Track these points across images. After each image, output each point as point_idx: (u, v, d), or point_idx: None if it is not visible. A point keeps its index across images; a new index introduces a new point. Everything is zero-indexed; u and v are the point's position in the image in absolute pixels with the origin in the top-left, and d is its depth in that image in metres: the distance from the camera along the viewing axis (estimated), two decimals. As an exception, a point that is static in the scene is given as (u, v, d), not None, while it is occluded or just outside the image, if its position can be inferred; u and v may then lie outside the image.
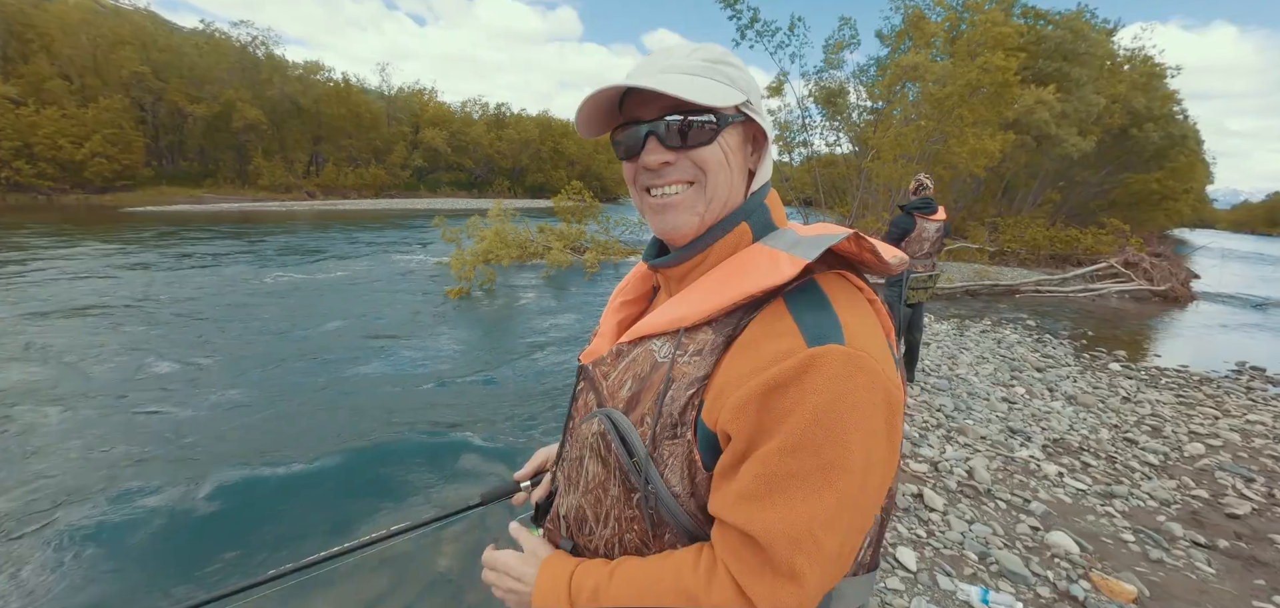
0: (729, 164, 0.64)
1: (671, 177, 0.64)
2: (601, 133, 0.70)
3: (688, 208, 0.64)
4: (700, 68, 0.62)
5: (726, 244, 0.66)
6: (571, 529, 0.72)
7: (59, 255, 11.22)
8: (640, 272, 0.83)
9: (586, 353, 0.78)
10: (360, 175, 42.94)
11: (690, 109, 0.61)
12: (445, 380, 5.20)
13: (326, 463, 3.64)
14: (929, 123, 13.32)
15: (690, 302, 0.63)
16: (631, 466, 0.61)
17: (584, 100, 0.63)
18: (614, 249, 12.99)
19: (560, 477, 0.76)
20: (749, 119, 0.66)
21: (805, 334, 0.54)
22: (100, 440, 3.83)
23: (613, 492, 0.65)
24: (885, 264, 0.62)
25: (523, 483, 0.90)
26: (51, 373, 4.99)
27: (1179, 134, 23.15)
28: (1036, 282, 12.42)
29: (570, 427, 0.75)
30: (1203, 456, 4.06)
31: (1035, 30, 19.24)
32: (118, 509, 3.06)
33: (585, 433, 0.68)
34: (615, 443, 0.62)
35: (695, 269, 0.67)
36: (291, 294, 8.64)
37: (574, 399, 0.75)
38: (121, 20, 35.46)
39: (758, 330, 0.57)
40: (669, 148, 0.63)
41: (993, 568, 2.55)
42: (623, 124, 0.67)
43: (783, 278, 0.56)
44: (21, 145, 26.98)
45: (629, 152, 0.66)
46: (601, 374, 0.69)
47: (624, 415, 0.63)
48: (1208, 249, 31.78)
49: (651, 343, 0.65)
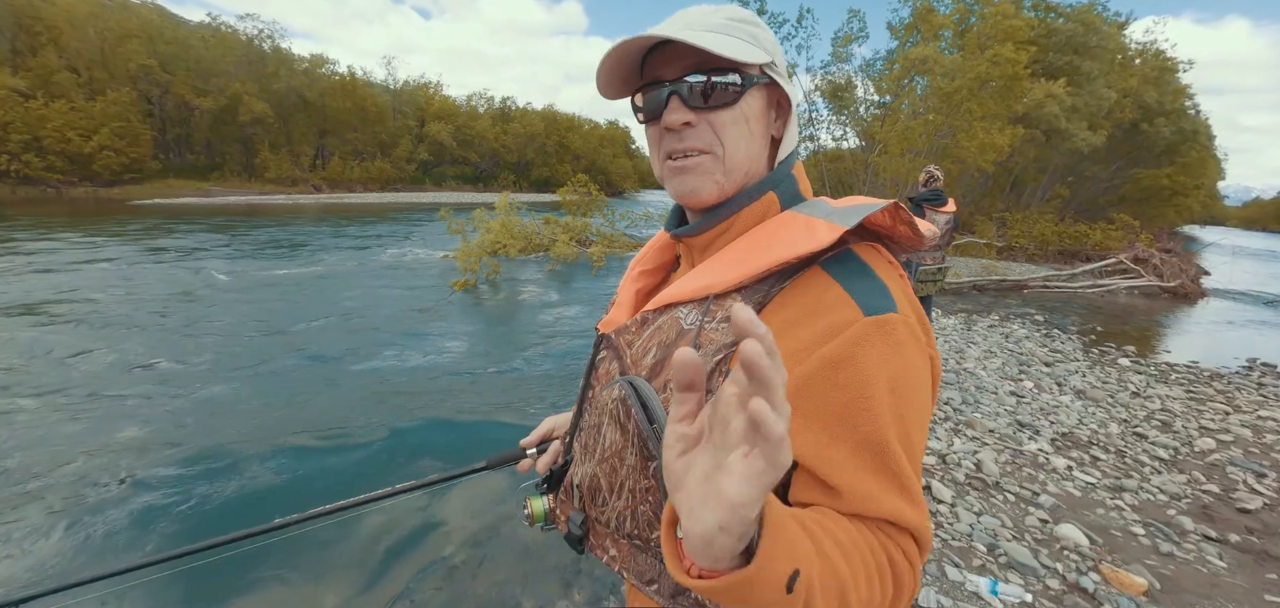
0: (750, 130, 0.63)
1: (691, 141, 0.62)
2: (622, 94, 0.68)
3: (705, 173, 0.63)
4: (724, 25, 0.61)
5: (753, 212, 0.65)
6: (584, 500, 0.71)
7: (74, 247, 11.32)
8: (659, 242, 0.82)
9: (605, 322, 0.77)
10: (366, 169, 43.03)
11: (713, 68, 0.60)
12: (450, 367, 5.24)
13: (335, 439, 3.73)
14: (937, 117, 13.21)
15: (719, 269, 0.62)
16: (651, 432, 0.59)
17: (605, 54, 0.62)
18: (619, 242, 12.98)
19: (576, 446, 0.75)
20: (773, 83, 0.64)
21: (860, 303, 0.53)
22: (109, 423, 3.87)
23: (629, 461, 0.63)
24: (920, 238, 0.61)
25: (529, 450, 0.89)
26: (82, 360, 5.04)
27: (1190, 129, 22.87)
28: (1044, 277, 12.34)
29: (589, 396, 0.73)
30: (1214, 450, 4.03)
31: (1046, 23, 19.02)
32: (135, 484, 3.12)
33: (605, 400, 0.67)
34: (636, 409, 0.61)
35: (720, 238, 0.66)
36: (299, 286, 8.69)
37: (593, 369, 0.74)
38: (128, 13, 35.57)
39: (800, 299, 0.55)
40: (691, 108, 0.61)
41: (1001, 560, 2.54)
42: (643, 87, 0.65)
43: (819, 244, 0.55)
44: (30, 138, 27.16)
45: (651, 113, 0.65)
46: (625, 342, 0.68)
47: (647, 382, 0.62)
48: (1218, 246, 31.45)
49: (678, 310, 0.64)
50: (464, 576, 2.59)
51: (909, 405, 0.51)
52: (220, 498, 3.08)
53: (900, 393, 0.51)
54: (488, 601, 2.44)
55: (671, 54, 0.62)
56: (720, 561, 0.36)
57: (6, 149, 26.51)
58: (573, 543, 0.73)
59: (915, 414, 0.52)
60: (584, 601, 2.43)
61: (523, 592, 2.49)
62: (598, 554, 0.70)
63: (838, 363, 0.50)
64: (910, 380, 0.52)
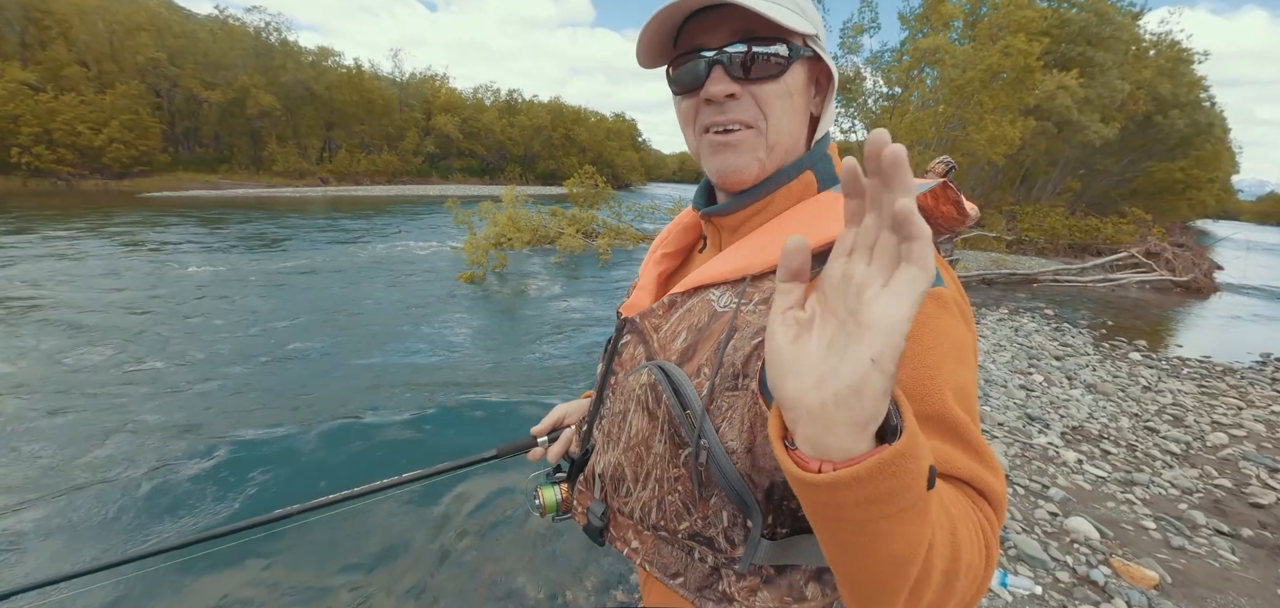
0: (794, 105, 0.60)
1: (734, 113, 0.59)
2: (659, 63, 0.65)
3: (748, 149, 0.60)
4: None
5: (790, 192, 0.62)
6: (606, 490, 0.68)
7: (92, 238, 11.44)
8: (682, 222, 0.79)
9: (628, 305, 0.74)
10: (373, 161, 43.13)
11: (758, 39, 0.57)
12: (457, 359, 5.27)
13: (343, 426, 3.79)
14: (947, 109, 13.06)
15: (755, 250, 0.60)
16: (684, 418, 0.57)
17: (650, 18, 0.58)
18: (626, 234, 12.96)
19: (597, 435, 0.72)
20: (816, 57, 0.62)
21: None
22: (122, 408, 3.93)
23: (656, 449, 0.61)
24: (966, 216, 0.58)
25: (539, 438, 0.87)
26: (104, 348, 5.11)
27: (1205, 122, 22.52)
28: (1055, 271, 12.23)
29: (612, 382, 0.71)
30: (1226, 445, 3.99)
31: (1059, 13, 18.74)
32: (154, 462, 3.16)
33: (632, 386, 0.64)
34: (668, 394, 0.58)
35: (752, 219, 0.64)
36: (307, 278, 8.75)
37: (616, 354, 0.71)
38: (137, 6, 35.69)
39: None
40: (733, 79, 0.58)
41: (1011, 552, 2.53)
42: (679, 57, 0.62)
43: None
44: (41, 131, 27.37)
45: (689, 85, 0.61)
46: (651, 326, 0.66)
47: (678, 367, 0.59)
48: (1232, 240, 31.03)
49: (710, 293, 0.62)
50: (473, 564, 2.61)
51: (967, 375, 0.51)
52: (229, 487, 3.12)
53: (959, 363, 0.50)
54: (497, 588, 2.46)
55: (714, 22, 0.59)
56: (864, 428, 0.32)
57: (17, 142, 26.75)
58: (592, 535, 0.70)
59: (971, 383, 0.51)
60: (594, 587, 2.44)
61: (532, 580, 2.51)
62: (618, 546, 0.68)
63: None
64: (964, 351, 0.52)
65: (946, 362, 0.49)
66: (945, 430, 0.47)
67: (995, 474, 0.48)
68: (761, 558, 0.55)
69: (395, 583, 2.46)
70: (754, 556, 0.54)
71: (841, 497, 0.34)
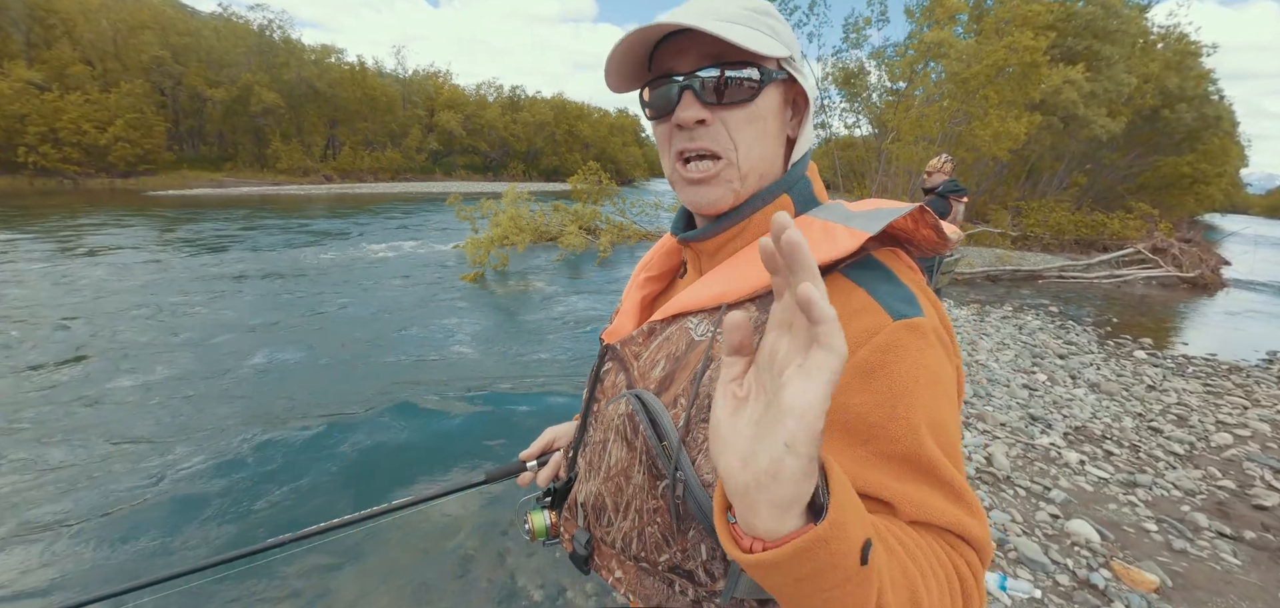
0: (767, 129, 0.60)
1: (704, 140, 0.58)
2: (631, 87, 0.65)
3: (722, 183, 0.60)
4: (742, 15, 0.57)
5: (766, 217, 0.62)
6: (589, 519, 0.68)
7: (99, 236, 11.52)
8: (665, 246, 0.78)
9: (610, 332, 0.74)
10: (376, 158, 43.24)
11: (729, 61, 0.57)
12: (456, 363, 5.26)
13: (335, 440, 3.72)
14: (952, 103, 12.98)
15: (730, 277, 0.59)
16: (660, 450, 0.56)
17: (615, 45, 0.57)
18: (629, 231, 12.97)
19: (581, 462, 0.71)
20: (791, 79, 0.61)
21: (887, 308, 0.50)
22: (105, 423, 3.96)
23: (635, 479, 0.60)
24: (946, 241, 0.57)
25: (529, 463, 0.86)
26: (101, 351, 5.16)
27: (1213, 115, 22.28)
28: (1060, 267, 12.16)
29: (594, 410, 0.70)
30: (1230, 446, 3.97)
31: (1065, 6, 18.56)
32: (129, 479, 3.18)
33: (611, 415, 0.63)
34: (644, 425, 0.57)
35: (730, 243, 0.63)
36: (307, 278, 8.79)
37: (598, 381, 0.70)
38: (141, 5, 35.83)
39: None
40: (705, 104, 0.57)
41: (1011, 555, 2.53)
42: (653, 81, 0.61)
43: (842, 251, 0.52)
44: (47, 130, 27.56)
45: (661, 110, 0.61)
46: (631, 354, 0.65)
47: (655, 397, 0.59)
48: (1240, 235, 30.75)
49: (688, 321, 0.61)
50: (473, 566, 2.63)
51: (948, 410, 0.49)
52: (213, 512, 3.00)
53: (937, 398, 0.48)
54: (496, 589, 2.48)
55: (685, 45, 0.58)
56: (787, 510, 0.33)
57: (24, 141, 26.94)
58: (577, 563, 0.70)
59: (952, 418, 0.50)
60: (594, 590, 2.45)
61: (532, 581, 2.53)
62: (603, 575, 0.68)
63: (869, 371, 0.48)
64: (944, 385, 0.50)
65: (922, 398, 0.47)
66: (920, 473, 0.46)
67: (976, 518, 0.47)
68: (742, 592, 0.53)
69: (395, 585, 2.48)
70: (734, 590, 0.53)
71: (768, 577, 0.35)
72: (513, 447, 3.73)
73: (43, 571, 2.56)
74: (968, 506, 0.47)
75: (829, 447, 0.47)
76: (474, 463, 3.55)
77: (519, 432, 3.94)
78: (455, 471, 3.49)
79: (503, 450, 3.72)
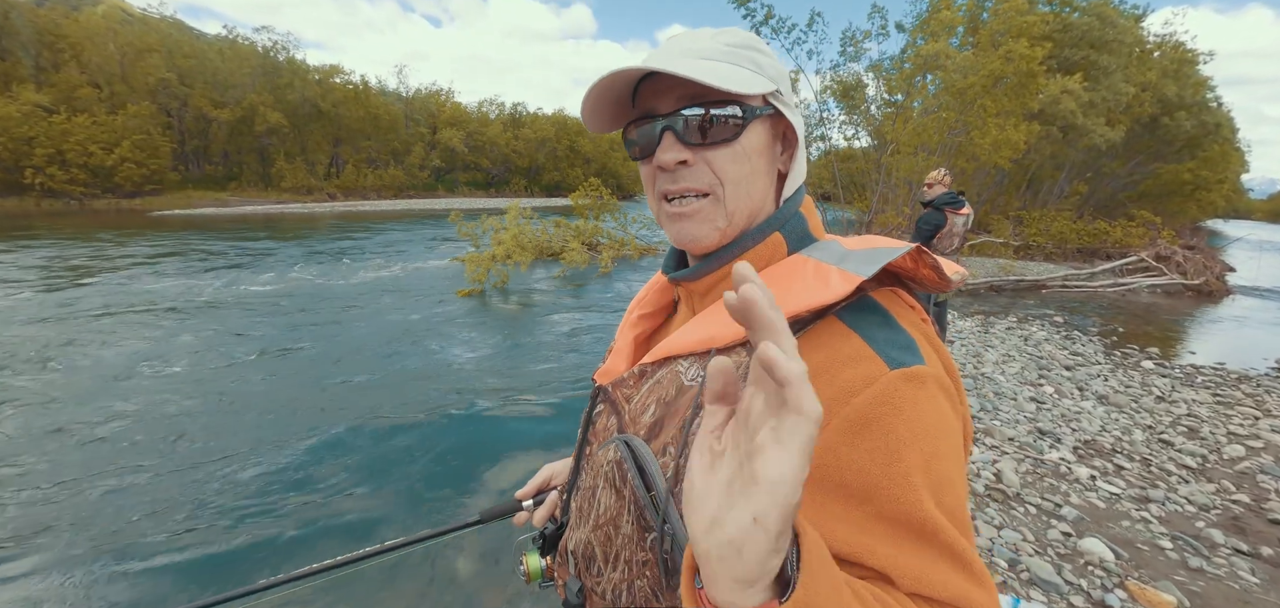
0: (753, 167, 0.57)
1: (687, 181, 0.57)
2: (612, 128, 0.63)
3: (705, 219, 0.58)
4: (724, 52, 0.55)
5: (757, 256, 0.59)
6: (579, 568, 0.66)
7: (102, 259, 11.59)
8: (659, 283, 0.76)
9: (603, 372, 0.71)
10: (379, 176, 43.51)
11: (711, 101, 0.55)
12: (453, 386, 5.14)
13: (326, 471, 3.60)
14: (950, 114, 13.04)
15: (721, 319, 0.56)
16: (648, 500, 0.53)
17: (589, 89, 0.55)
18: (631, 245, 12.99)
19: (573, 507, 0.69)
20: (778, 113, 0.59)
21: (883, 356, 0.48)
22: (91, 454, 3.94)
23: (624, 529, 0.57)
24: (947, 281, 0.54)
25: (525, 502, 0.83)
26: (69, 379, 5.15)
27: (1212, 122, 22.31)
28: (1063, 277, 12.12)
29: (586, 453, 0.67)
30: (1243, 458, 3.91)
31: (1061, 17, 18.69)
32: (110, 514, 3.15)
33: (601, 461, 0.61)
34: (632, 473, 0.55)
35: (721, 282, 0.61)
36: (307, 297, 8.80)
37: (590, 423, 0.68)
38: (148, 29, 36.38)
39: (813, 354, 0.50)
40: (687, 145, 0.56)
41: (1023, 576, 2.49)
42: (636, 119, 0.59)
43: (835, 295, 0.50)
44: (54, 152, 27.82)
45: (643, 150, 0.59)
46: (623, 396, 0.63)
47: (645, 444, 0.56)
48: (1245, 241, 30.64)
49: (678, 363, 0.59)
50: (472, 579, 2.59)
51: (951, 466, 0.46)
52: (200, 552, 2.91)
53: (939, 454, 0.45)
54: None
55: (665, 84, 0.56)
56: (750, 585, 0.31)
57: (31, 163, 27.21)
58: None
59: (958, 475, 0.46)
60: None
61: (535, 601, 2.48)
62: None
63: (863, 425, 0.45)
64: (947, 439, 0.46)
65: (922, 454, 0.44)
66: (920, 538, 0.42)
67: (983, 588, 0.43)
68: None
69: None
70: None
71: None
72: (508, 475, 3.65)
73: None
74: (974, 575, 0.43)
75: (822, 507, 0.45)
76: (469, 497, 3.45)
77: (516, 461, 3.84)
78: (449, 507, 3.36)
79: (499, 476, 3.65)
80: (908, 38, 16.65)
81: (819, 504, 0.45)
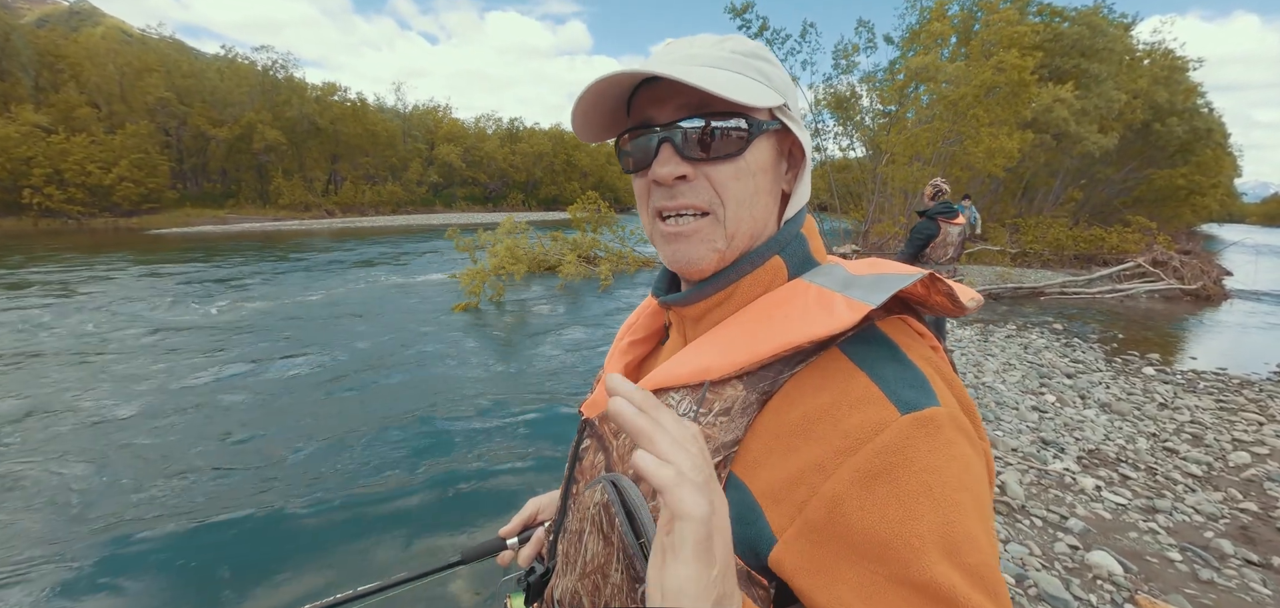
0: (757, 186, 0.53)
1: (685, 199, 0.52)
2: (604, 137, 0.58)
3: (703, 240, 0.53)
4: (730, 60, 0.51)
5: (756, 281, 0.55)
6: None
7: (99, 279, 11.54)
8: (650, 307, 0.71)
9: (590, 403, 0.65)
10: (377, 192, 43.63)
11: (714, 112, 0.50)
12: (443, 409, 4.95)
13: (298, 505, 3.40)
14: (943, 124, 13.13)
15: (716, 349, 0.52)
16: (638, 548, 0.49)
17: (582, 93, 0.51)
18: (629, 258, 12.99)
19: (559, 550, 0.63)
20: (785, 129, 0.55)
21: (893, 399, 0.43)
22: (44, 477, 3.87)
23: (614, 578, 0.52)
24: (961, 307, 0.50)
25: (509, 540, 0.77)
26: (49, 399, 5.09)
27: (1204, 127, 22.51)
28: (1062, 283, 12.12)
29: (573, 492, 0.62)
30: (1249, 465, 3.87)
31: (1052, 27, 18.91)
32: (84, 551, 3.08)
33: (588, 503, 0.56)
34: (620, 519, 0.50)
35: (716, 309, 0.56)
36: (299, 316, 8.75)
37: (577, 459, 0.63)
38: (147, 49, 36.69)
39: (817, 393, 0.46)
40: (686, 159, 0.51)
41: (1031, 592, 2.43)
42: (631, 129, 0.55)
43: (841, 326, 0.46)
44: (52, 172, 27.88)
45: (638, 162, 0.54)
46: (611, 431, 0.58)
47: (634, 485, 0.52)
48: (1242, 245, 30.75)
49: (670, 397, 0.54)
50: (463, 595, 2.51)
51: (973, 522, 0.41)
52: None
53: (959, 509, 0.40)
54: None
55: (664, 92, 0.52)
56: None
57: (29, 183, 27.25)
58: None
59: (982, 529, 0.41)
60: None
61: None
62: None
63: (873, 478, 0.41)
64: (968, 491, 0.42)
65: (939, 511, 0.40)
66: (935, 603, 0.38)
67: None
68: None
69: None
70: None
71: None
72: (497, 505, 3.47)
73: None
74: None
75: (831, 570, 0.41)
76: (456, 532, 3.21)
77: (506, 492, 3.62)
78: (433, 544, 3.09)
79: (487, 507, 3.47)
80: (898, 50, 16.81)
81: (828, 566, 0.41)
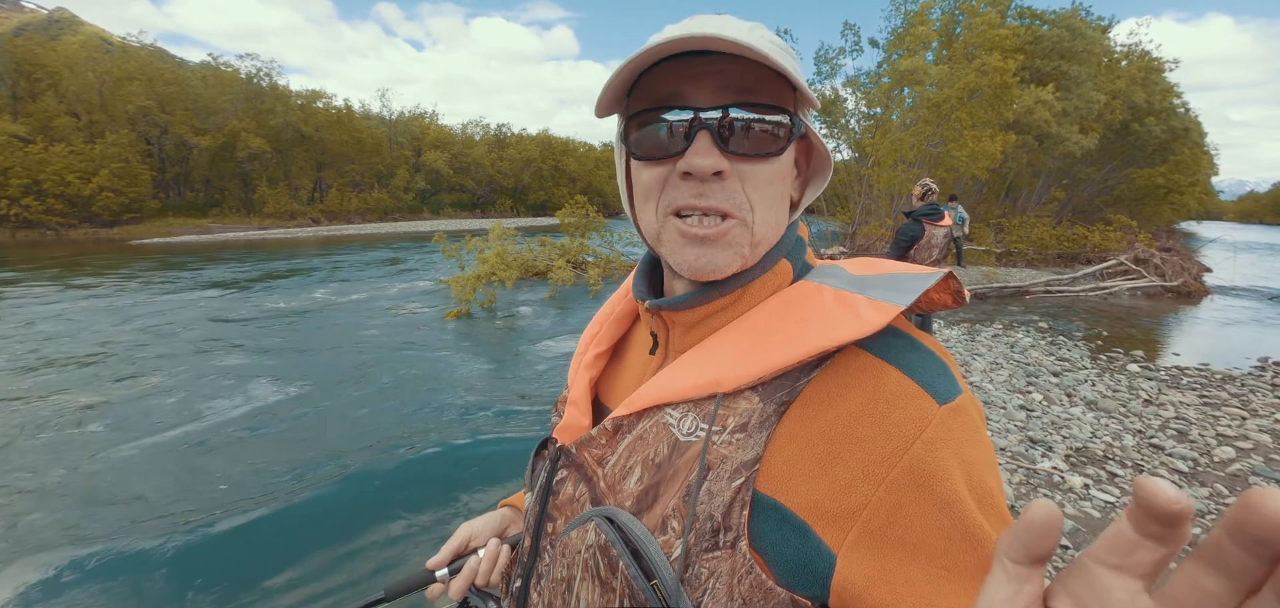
0: (780, 192, 0.50)
1: (716, 199, 0.46)
2: (615, 110, 0.52)
3: (731, 245, 0.47)
4: (772, 47, 0.44)
5: (764, 284, 0.51)
6: None
7: (78, 290, 11.27)
8: (614, 312, 0.64)
9: (562, 428, 0.57)
10: (364, 200, 43.24)
11: (757, 103, 0.45)
12: (423, 421, 4.83)
13: (255, 530, 3.22)
14: (927, 127, 13.28)
15: (726, 358, 0.47)
16: (650, 591, 0.42)
17: (623, 64, 0.45)
18: (618, 262, 12.95)
19: (535, 599, 0.54)
20: (806, 133, 0.52)
21: (930, 391, 0.42)
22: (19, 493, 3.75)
23: None
24: (964, 301, 0.50)
25: (437, 572, 0.67)
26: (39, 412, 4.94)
27: (1181, 127, 23.00)
28: (1046, 282, 12.26)
29: (548, 530, 0.54)
30: (1234, 460, 3.90)
31: (1032, 30, 19.24)
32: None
33: (576, 544, 0.48)
34: (626, 560, 0.44)
35: (716, 315, 0.51)
36: (283, 325, 8.61)
37: (549, 492, 0.55)
38: (128, 57, 36.06)
39: (845, 393, 0.43)
40: (728, 153, 0.45)
41: (1023, 593, 2.41)
42: (650, 109, 0.47)
43: (870, 327, 0.43)
44: (30, 182, 27.30)
45: (660, 150, 0.47)
46: (593, 458, 0.51)
47: (634, 518, 0.45)
48: (1221, 242, 31.38)
49: (667, 414, 0.48)
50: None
51: (1000, 496, 0.42)
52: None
53: (996, 492, 0.41)
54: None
55: (699, 70, 0.45)
56: None
57: (6, 194, 26.66)
58: None
59: (1003, 500, 0.43)
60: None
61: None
62: None
63: (928, 477, 0.39)
64: (992, 471, 0.42)
65: (982, 501, 0.39)
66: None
67: None
68: None
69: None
70: None
71: None
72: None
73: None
74: None
75: (902, 575, 0.38)
76: (408, 555, 2.95)
77: (477, 509, 3.55)
78: (362, 574, 2.69)
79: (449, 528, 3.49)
80: (883, 53, 16.98)
81: (897, 571, 0.38)
